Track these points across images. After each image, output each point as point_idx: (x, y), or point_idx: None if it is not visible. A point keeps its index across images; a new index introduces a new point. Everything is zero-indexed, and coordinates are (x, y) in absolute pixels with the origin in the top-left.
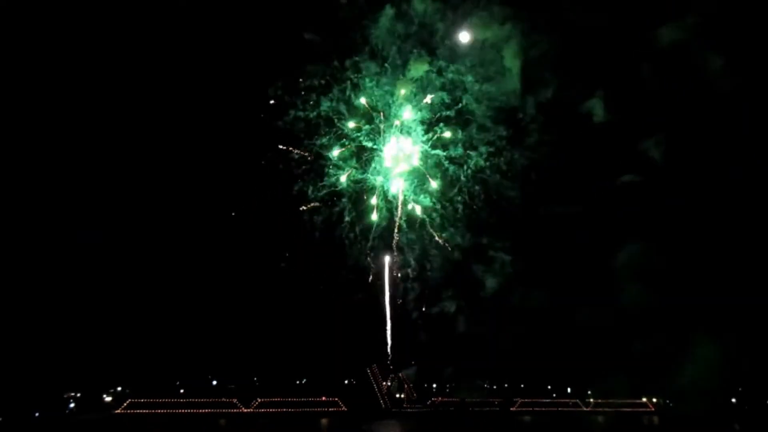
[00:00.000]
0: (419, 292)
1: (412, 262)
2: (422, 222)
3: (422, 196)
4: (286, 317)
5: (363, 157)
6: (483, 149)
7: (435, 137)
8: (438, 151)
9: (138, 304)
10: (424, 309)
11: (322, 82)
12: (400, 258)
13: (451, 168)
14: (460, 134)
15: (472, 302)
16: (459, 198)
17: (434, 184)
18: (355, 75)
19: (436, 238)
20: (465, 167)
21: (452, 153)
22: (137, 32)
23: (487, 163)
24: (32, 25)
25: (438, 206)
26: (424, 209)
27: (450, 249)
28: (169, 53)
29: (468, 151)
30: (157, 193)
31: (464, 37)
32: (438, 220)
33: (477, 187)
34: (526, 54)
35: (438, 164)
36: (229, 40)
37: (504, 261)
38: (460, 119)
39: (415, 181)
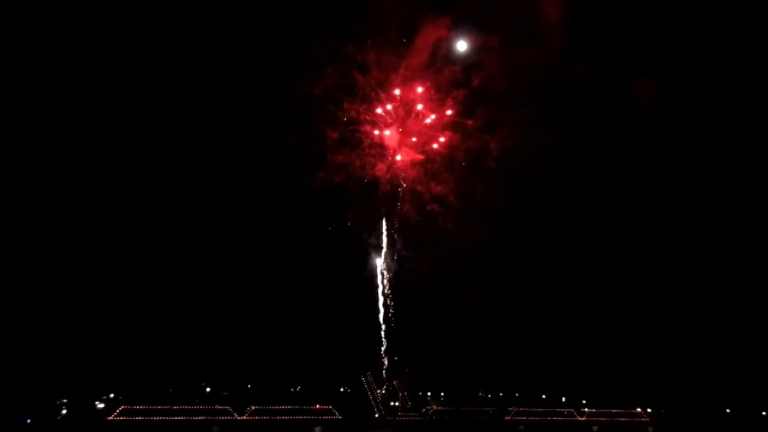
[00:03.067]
0: (419, 296)
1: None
2: (433, 215)
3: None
4: (280, 324)
5: (367, 141)
6: (506, 130)
7: (449, 117)
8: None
9: (131, 310)
10: (423, 315)
11: (322, 57)
12: (397, 258)
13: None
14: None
15: (476, 307)
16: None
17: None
18: (359, 47)
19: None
20: (486, 150)
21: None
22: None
23: (512, 145)
24: (32, 24)
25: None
26: (436, 200)
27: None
28: (163, 33)
29: (489, 132)
30: (146, 197)
31: (461, 46)
32: (453, 212)
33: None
34: (567, 13)
35: (454, 148)
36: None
37: (531, 256)
38: (481, 94)
39: (426, 167)
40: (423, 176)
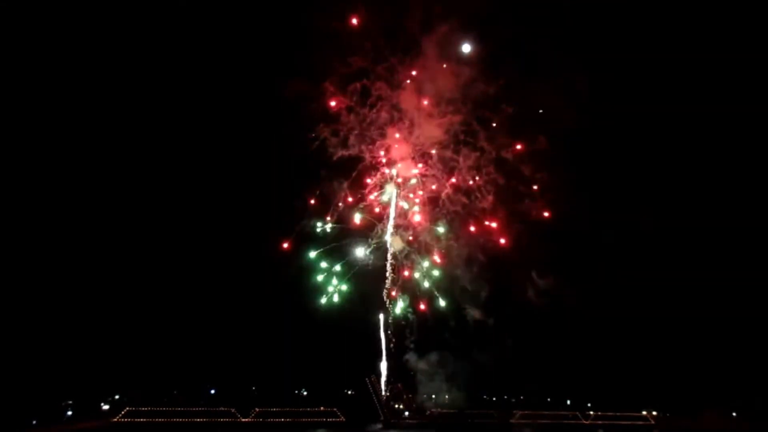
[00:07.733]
0: (424, 293)
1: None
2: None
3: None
4: (284, 325)
5: (379, 103)
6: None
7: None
8: None
9: (136, 311)
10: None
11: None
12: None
13: None
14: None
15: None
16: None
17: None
18: None
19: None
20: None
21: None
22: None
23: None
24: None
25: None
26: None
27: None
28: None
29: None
30: (148, 196)
31: (466, 48)
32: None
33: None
34: None
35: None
36: None
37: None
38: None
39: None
40: (448, 147)
